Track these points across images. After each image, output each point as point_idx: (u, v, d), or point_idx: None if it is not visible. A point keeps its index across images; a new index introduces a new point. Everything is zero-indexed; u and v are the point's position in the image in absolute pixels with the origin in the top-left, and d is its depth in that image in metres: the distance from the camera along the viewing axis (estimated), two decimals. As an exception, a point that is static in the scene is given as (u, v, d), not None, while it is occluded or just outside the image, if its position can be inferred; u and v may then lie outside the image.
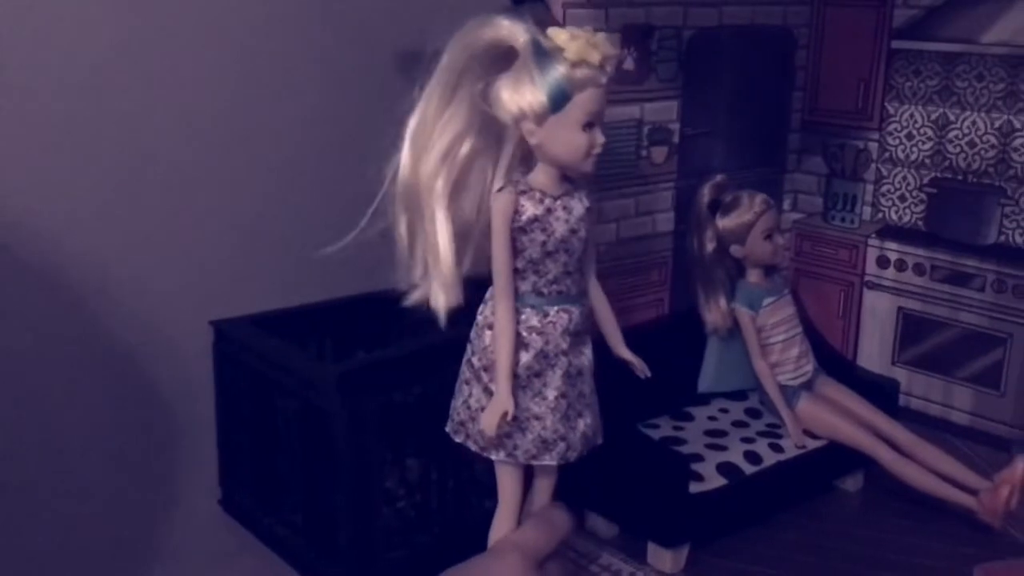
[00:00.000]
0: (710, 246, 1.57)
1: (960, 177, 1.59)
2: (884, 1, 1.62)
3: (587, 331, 1.19)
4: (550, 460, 1.15)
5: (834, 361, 1.68)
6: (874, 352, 1.72)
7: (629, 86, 1.49)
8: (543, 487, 1.22)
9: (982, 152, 1.56)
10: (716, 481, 1.42)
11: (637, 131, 1.53)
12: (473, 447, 1.16)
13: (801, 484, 1.53)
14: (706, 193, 1.57)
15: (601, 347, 1.23)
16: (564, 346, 1.14)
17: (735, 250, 1.56)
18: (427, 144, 1.09)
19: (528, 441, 1.14)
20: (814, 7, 1.69)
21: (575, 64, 1.06)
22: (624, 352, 1.23)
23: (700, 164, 1.61)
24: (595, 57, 1.07)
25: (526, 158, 1.15)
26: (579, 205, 1.14)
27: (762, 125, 1.73)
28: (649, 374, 1.24)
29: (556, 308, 1.14)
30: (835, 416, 1.54)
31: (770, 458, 1.49)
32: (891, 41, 1.62)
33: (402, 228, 1.12)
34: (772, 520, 1.48)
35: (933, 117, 1.60)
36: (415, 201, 1.10)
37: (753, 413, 1.61)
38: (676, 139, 1.58)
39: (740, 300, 1.57)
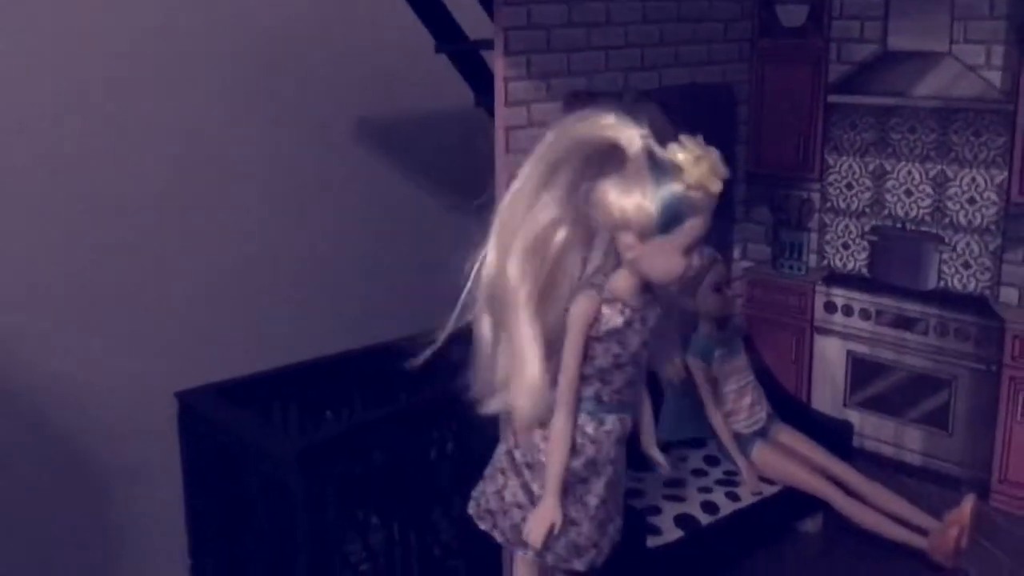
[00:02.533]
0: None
1: (899, 225, 1.64)
2: (819, 57, 1.67)
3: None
4: (579, 566, 1.12)
5: (789, 405, 1.72)
6: (827, 395, 1.76)
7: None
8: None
9: (918, 201, 1.61)
10: (673, 534, 1.44)
11: (585, 193, 1.57)
12: (499, 538, 1.14)
13: (760, 530, 1.56)
14: (655, 250, 1.60)
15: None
16: (613, 454, 1.11)
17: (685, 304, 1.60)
18: (514, 235, 1.01)
19: (561, 545, 1.11)
20: (753, 64, 1.74)
21: (693, 188, 0.98)
22: (654, 452, 1.20)
23: (648, 221, 1.65)
24: (716, 186, 0.99)
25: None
26: (653, 316, 1.09)
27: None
28: (671, 472, 1.26)
29: (613, 416, 1.10)
30: (789, 462, 1.58)
31: (727, 507, 1.52)
32: (827, 95, 1.68)
33: (485, 329, 1.06)
34: (734, 568, 1.51)
35: (871, 168, 1.65)
36: (501, 301, 1.02)
37: (711, 460, 1.64)
38: (624, 198, 1.62)
39: (693, 352, 1.61)
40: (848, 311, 1.71)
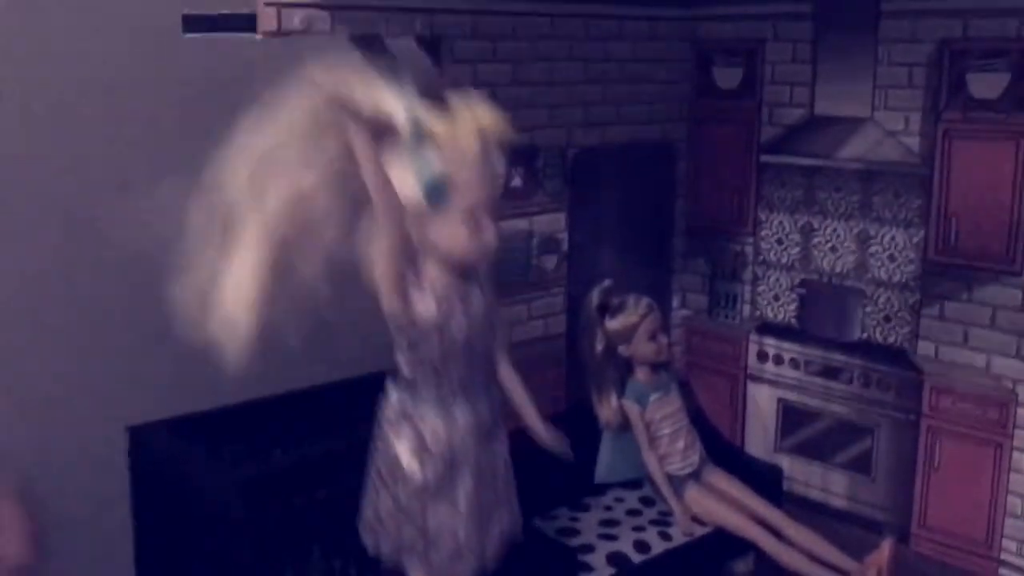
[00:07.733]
0: (600, 347, 1.67)
1: (826, 279, 1.72)
2: (752, 119, 1.76)
3: (498, 424, 1.13)
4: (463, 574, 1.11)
5: (723, 449, 1.77)
6: (758, 440, 1.83)
7: (518, 201, 1.61)
8: None
9: (843, 257, 1.69)
10: (605, 572, 1.49)
11: (527, 242, 1.64)
12: (382, 555, 1.14)
13: (692, 570, 1.61)
14: (594, 298, 1.67)
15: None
16: (472, 446, 1.09)
17: (622, 350, 1.66)
18: (269, 184, 0.99)
19: (443, 556, 1.10)
20: (690, 124, 1.83)
21: (450, 147, 0.95)
22: (541, 430, 1.17)
23: (589, 270, 1.73)
24: (470, 138, 0.96)
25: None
26: (478, 301, 1.05)
27: (648, 231, 1.85)
28: (571, 454, 1.18)
29: (462, 406, 1.07)
30: (719, 504, 1.64)
31: (658, 546, 1.57)
32: (760, 155, 1.77)
33: None
34: (664, 605, 1.56)
35: (799, 224, 1.74)
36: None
37: (647, 501, 1.70)
38: (565, 248, 1.70)
39: (629, 396, 1.67)
40: (779, 360, 1.79)
